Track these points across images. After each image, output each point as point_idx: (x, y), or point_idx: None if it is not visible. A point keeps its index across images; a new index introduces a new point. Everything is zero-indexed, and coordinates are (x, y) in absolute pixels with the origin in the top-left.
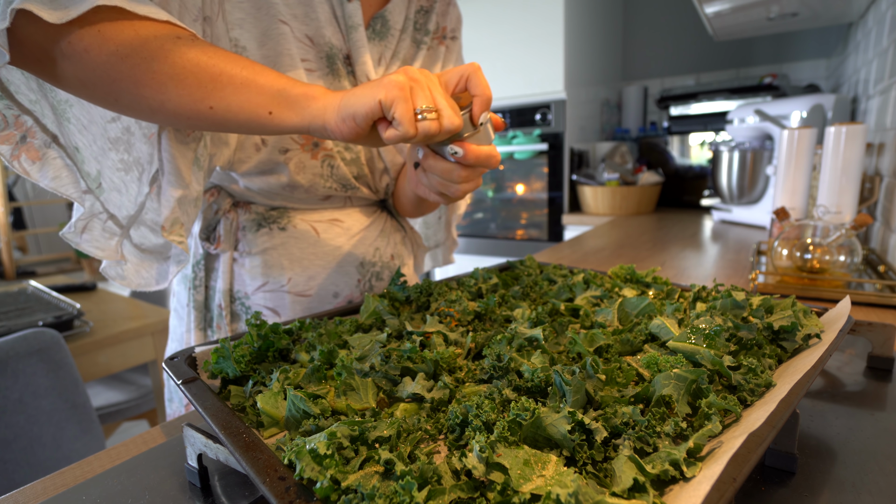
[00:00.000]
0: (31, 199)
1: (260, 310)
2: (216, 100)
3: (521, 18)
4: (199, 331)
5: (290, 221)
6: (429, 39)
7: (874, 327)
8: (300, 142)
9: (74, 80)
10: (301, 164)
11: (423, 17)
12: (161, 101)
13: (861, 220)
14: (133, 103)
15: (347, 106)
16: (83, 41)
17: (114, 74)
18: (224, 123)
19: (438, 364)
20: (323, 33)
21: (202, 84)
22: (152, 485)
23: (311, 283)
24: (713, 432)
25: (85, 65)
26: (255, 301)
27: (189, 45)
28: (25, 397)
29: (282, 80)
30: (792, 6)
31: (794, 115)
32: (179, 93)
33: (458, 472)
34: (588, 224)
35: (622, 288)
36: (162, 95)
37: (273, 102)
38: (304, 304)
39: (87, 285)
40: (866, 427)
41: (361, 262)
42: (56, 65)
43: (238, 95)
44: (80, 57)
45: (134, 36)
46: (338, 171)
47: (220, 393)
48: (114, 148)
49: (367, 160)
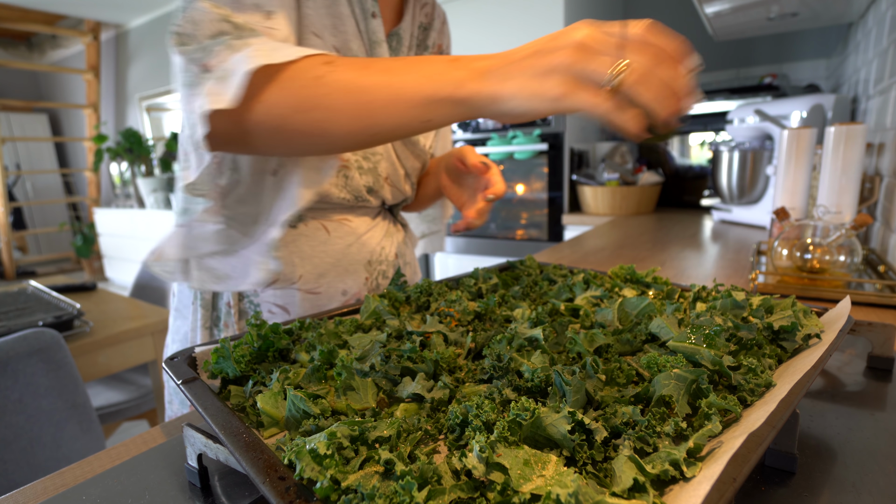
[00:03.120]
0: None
1: (269, 307)
2: (376, 126)
3: (521, 18)
4: (206, 329)
5: (301, 220)
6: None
7: (874, 327)
8: None
9: (261, 147)
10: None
11: (423, 34)
12: (331, 142)
13: (861, 220)
14: (309, 148)
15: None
16: (256, 115)
17: (286, 134)
18: (391, 139)
19: (438, 364)
20: (350, 46)
21: (358, 117)
22: (152, 485)
23: (320, 281)
24: (713, 432)
25: (264, 134)
26: (264, 298)
27: (333, 79)
28: (25, 397)
29: (424, 84)
30: (792, 6)
31: (794, 115)
32: (343, 131)
33: (458, 472)
34: (588, 224)
35: (622, 288)
36: (329, 136)
37: (425, 112)
38: (313, 302)
39: (87, 285)
40: (866, 427)
41: (369, 260)
42: (245, 142)
43: (391, 116)
44: (258, 129)
45: (288, 94)
46: (352, 181)
47: (220, 393)
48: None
49: (389, 173)
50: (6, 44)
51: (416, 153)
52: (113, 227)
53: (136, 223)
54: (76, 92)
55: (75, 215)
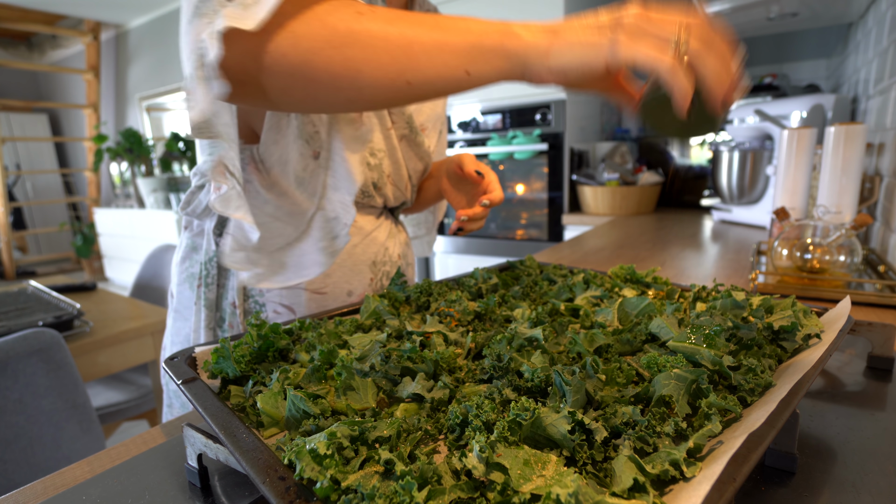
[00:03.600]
0: (31, 199)
1: (275, 307)
2: (412, 73)
3: (520, 18)
4: (209, 330)
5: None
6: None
7: (874, 327)
8: None
9: (275, 92)
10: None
11: None
12: (359, 88)
13: (861, 220)
14: (331, 97)
15: (557, 59)
16: (280, 47)
17: (310, 73)
18: (422, 95)
19: (438, 364)
20: None
21: (396, 59)
22: (152, 485)
23: (327, 281)
24: (713, 432)
25: (284, 72)
26: (269, 298)
27: (372, 19)
28: (25, 397)
29: (472, 31)
30: (792, 6)
31: (794, 115)
32: (375, 75)
33: (458, 472)
34: (588, 224)
35: (622, 288)
36: (359, 82)
37: (469, 61)
38: (318, 302)
39: (87, 285)
40: (866, 427)
41: (374, 261)
42: (258, 83)
43: (433, 63)
44: (279, 64)
45: (321, 26)
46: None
47: (220, 393)
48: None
49: (392, 171)
50: (6, 44)
51: (420, 154)
52: (113, 227)
53: (136, 223)
54: (76, 92)
55: (75, 215)
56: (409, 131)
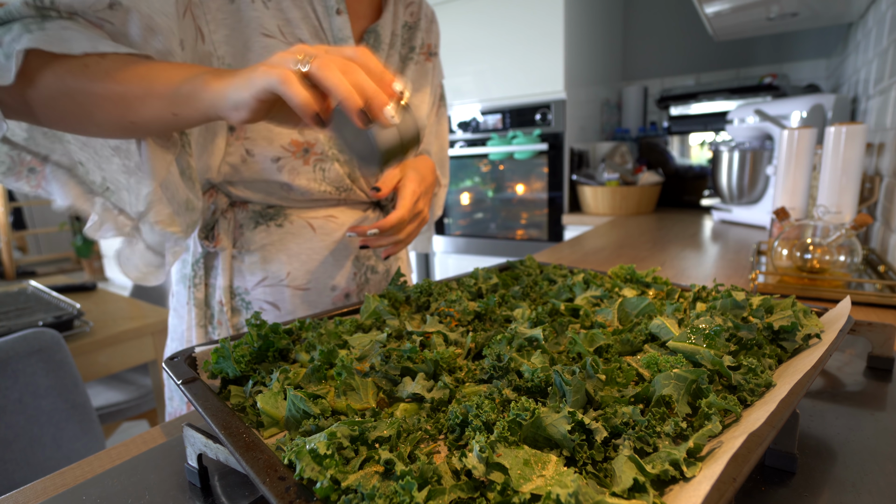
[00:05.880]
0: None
1: (260, 304)
2: (132, 115)
3: (521, 18)
4: (200, 328)
5: (287, 218)
6: (416, 55)
7: (874, 327)
8: (290, 149)
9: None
10: (294, 170)
11: (409, 33)
12: (97, 125)
13: (861, 220)
14: (82, 131)
15: (232, 95)
16: (29, 95)
17: (55, 114)
18: (147, 132)
19: (438, 364)
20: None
21: (116, 105)
22: (152, 485)
23: (309, 277)
24: (713, 432)
25: (39, 111)
26: (255, 296)
27: (95, 74)
28: (25, 397)
29: (173, 81)
30: (792, 6)
31: (794, 115)
32: (105, 117)
33: (458, 472)
34: (588, 224)
35: (622, 288)
36: (94, 121)
37: (173, 105)
38: (302, 298)
39: (87, 285)
40: (866, 427)
41: (357, 255)
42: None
43: (145, 107)
44: (33, 106)
45: (54, 78)
46: (330, 173)
47: (220, 393)
48: (116, 154)
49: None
50: None
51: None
52: None
53: None
54: None
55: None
56: None
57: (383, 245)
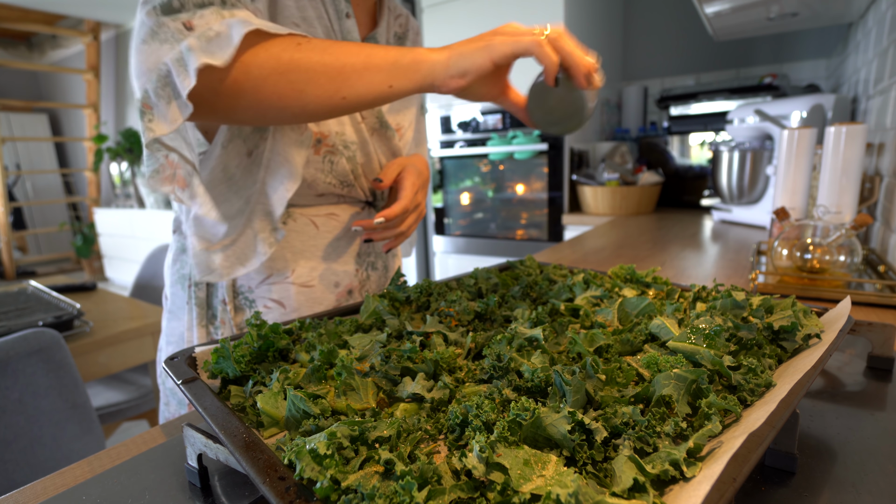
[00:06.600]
0: (31, 199)
1: (265, 302)
2: (346, 89)
3: (521, 18)
4: (202, 327)
5: (290, 216)
6: None
7: (874, 327)
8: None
9: (226, 111)
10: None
11: (397, 43)
12: (303, 105)
13: (861, 220)
14: (278, 115)
15: (455, 65)
16: (236, 76)
17: (260, 96)
18: (356, 107)
19: (438, 364)
20: None
21: (332, 80)
22: (152, 485)
23: (313, 274)
24: (713, 432)
25: (237, 96)
26: (259, 294)
27: (310, 49)
28: (25, 397)
29: (391, 53)
30: (792, 6)
31: (794, 115)
32: (316, 93)
33: (458, 472)
34: (588, 224)
35: (622, 288)
36: (303, 100)
37: (391, 77)
38: (307, 295)
39: (87, 285)
40: (866, 427)
41: (358, 252)
42: (212, 104)
43: (362, 80)
44: (233, 90)
45: (268, 57)
46: (337, 166)
47: (220, 393)
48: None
49: (363, 163)
50: (6, 44)
51: (392, 149)
52: (113, 227)
53: (135, 223)
54: (76, 92)
55: (75, 215)
56: (380, 126)
57: (387, 237)
